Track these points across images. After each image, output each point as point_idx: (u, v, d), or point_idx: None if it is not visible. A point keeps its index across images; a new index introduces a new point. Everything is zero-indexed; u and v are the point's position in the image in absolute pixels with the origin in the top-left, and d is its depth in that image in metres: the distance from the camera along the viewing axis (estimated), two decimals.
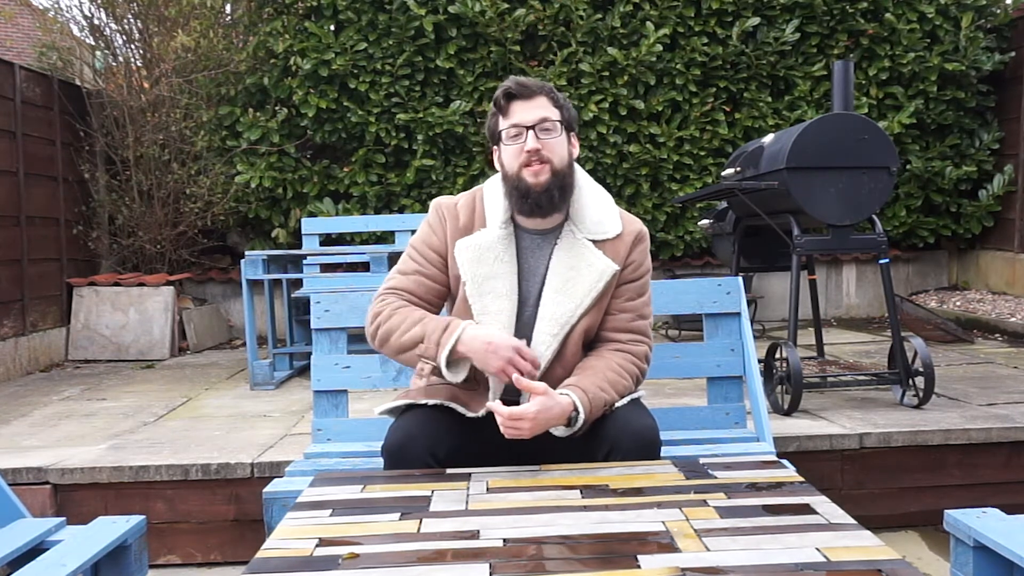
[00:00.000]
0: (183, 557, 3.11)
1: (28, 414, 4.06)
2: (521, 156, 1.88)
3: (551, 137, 1.88)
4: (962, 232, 6.68)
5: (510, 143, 1.90)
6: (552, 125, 1.89)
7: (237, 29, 6.35)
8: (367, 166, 6.16)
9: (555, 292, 1.92)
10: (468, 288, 1.94)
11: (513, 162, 1.90)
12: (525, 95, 1.89)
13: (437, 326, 1.86)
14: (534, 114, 1.88)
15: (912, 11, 6.31)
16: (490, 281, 1.93)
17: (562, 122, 1.91)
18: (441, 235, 2.00)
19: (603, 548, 1.33)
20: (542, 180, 1.88)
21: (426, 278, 2.00)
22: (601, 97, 6.11)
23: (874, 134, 3.59)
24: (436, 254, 2.00)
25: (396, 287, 2.00)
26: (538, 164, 1.87)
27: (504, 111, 1.90)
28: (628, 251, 1.97)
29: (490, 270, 1.93)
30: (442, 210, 2.02)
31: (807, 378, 3.59)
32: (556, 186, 1.89)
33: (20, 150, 5.35)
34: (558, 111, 1.91)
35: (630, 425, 1.85)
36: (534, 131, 1.87)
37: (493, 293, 1.93)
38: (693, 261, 6.63)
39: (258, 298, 5.42)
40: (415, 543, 1.37)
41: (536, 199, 1.89)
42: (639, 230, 2.01)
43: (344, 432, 2.38)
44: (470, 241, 1.95)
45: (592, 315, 1.94)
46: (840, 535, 1.35)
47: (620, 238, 1.97)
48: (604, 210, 1.99)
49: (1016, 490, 3.26)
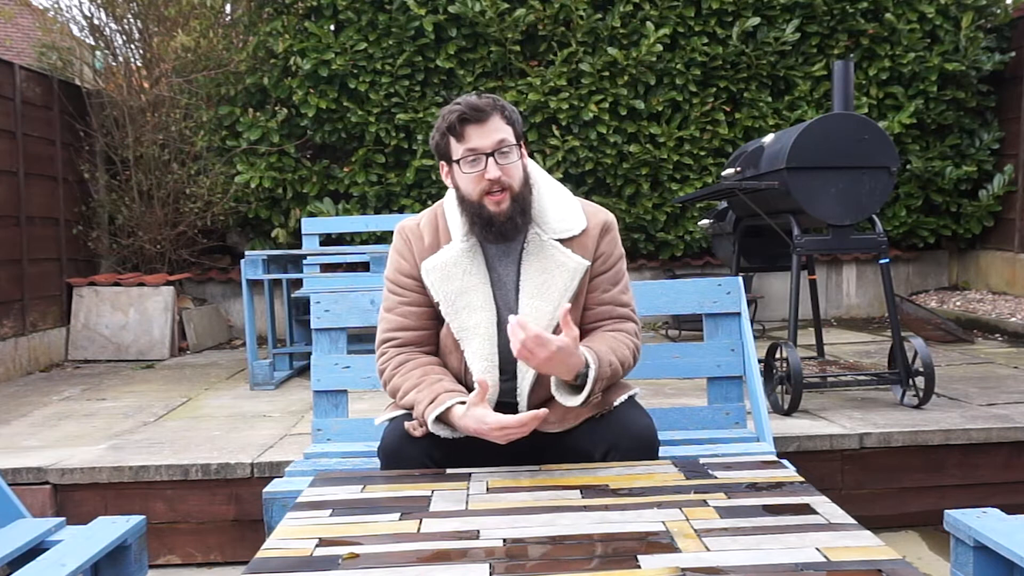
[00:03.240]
0: (183, 557, 3.11)
1: (28, 414, 4.06)
2: (482, 183, 1.84)
3: (510, 161, 1.85)
4: (962, 232, 6.68)
5: (468, 169, 1.85)
6: (509, 147, 1.85)
7: (237, 29, 6.35)
8: (367, 166, 6.16)
9: (531, 298, 1.90)
10: (443, 307, 1.91)
11: (472, 188, 1.86)
12: (479, 118, 1.82)
13: (425, 397, 1.83)
14: (491, 138, 1.83)
15: (912, 11, 6.31)
16: (463, 296, 1.91)
17: (516, 137, 1.88)
18: (410, 259, 1.97)
19: (603, 548, 1.33)
20: (504, 208, 1.85)
21: (411, 306, 1.97)
22: (601, 97, 6.11)
23: (874, 134, 3.59)
24: (411, 279, 1.97)
25: (389, 330, 1.98)
26: (499, 193, 1.84)
27: (458, 136, 1.84)
28: (596, 244, 1.95)
29: (460, 284, 1.91)
30: (406, 233, 1.99)
31: (807, 378, 3.59)
32: (518, 211, 1.87)
33: (20, 150, 5.35)
34: (511, 128, 1.87)
35: (629, 425, 1.85)
36: (493, 157, 1.83)
37: (468, 308, 1.91)
38: (693, 261, 6.63)
39: (258, 298, 5.42)
40: (415, 543, 1.36)
41: (500, 228, 1.86)
42: (604, 220, 1.98)
43: (344, 432, 2.38)
44: (435, 260, 1.93)
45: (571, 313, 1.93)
46: (840, 535, 1.35)
47: (586, 232, 1.94)
48: (566, 207, 1.96)
49: (1016, 490, 3.26)
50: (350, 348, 2.41)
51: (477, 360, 1.90)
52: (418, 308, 1.97)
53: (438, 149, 1.91)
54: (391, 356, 1.96)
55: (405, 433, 1.86)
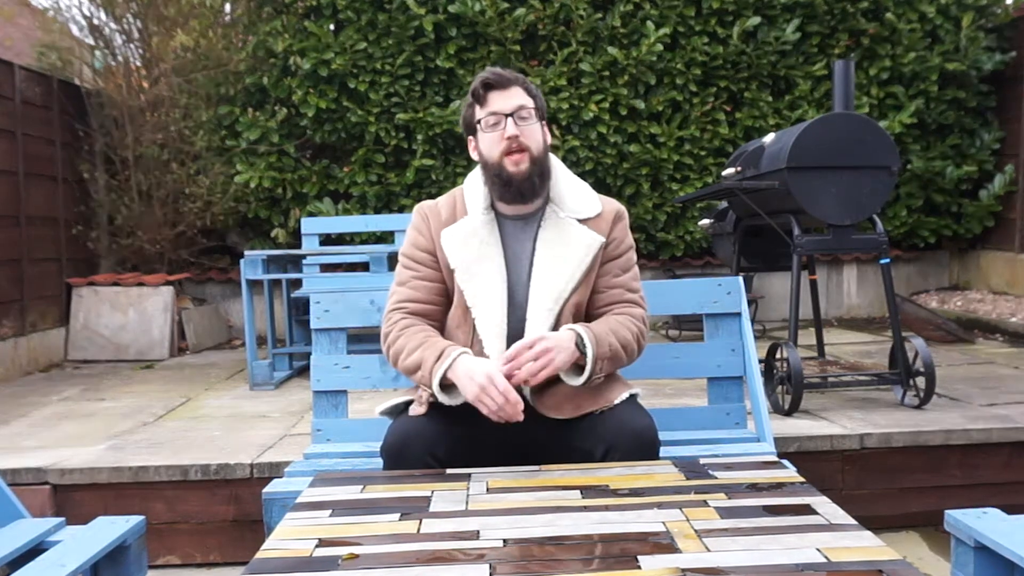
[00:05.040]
0: (182, 557, 3.11)
1: (28, 414, 4.05)
2: (501, 144, 1.93)
3: (528, 124, 1.94)
4: (963, 232, 6.67)
5: (489, 131, 1.95)
6: (528, 113, 1.94)
7: (236, 29, 6.34)
8: (367, 166, 6.15)
9: (546, 269, 1.96)
10: (457, 274, 1.97)
11: (493, 150, 1.94)
12: (502, 84, 1.94)
13: (432, 353, 1.87)
14: (511, 102, 1.93)
15: (913, 11, 6.30)
16: (478, 264, 1.97)
17: (537, 110, 1.97)
18: (427, 234, 2.03)
19: (603, 548, 1.32)
20: (523, 168, 1.93)
21: (423, 280, 2.03)
22: (601, 97, 6.11)
23: (875, 134, 3.58)
24: (426, 253, 2.03)
25: (399, 301, 2.03)
26: (518, 153, 1.92)
27: (481, 100, 1.96)
28: (610, 228, 2.02)
29: (477, 253, 1.97)
30: (424, 211, 2.07)
31: (808, 378, 3.59)
32: (536, 173, 1.95)
33: (20, 150, 5.35)
34: (532, 100, 1.97)
35: (629, 425, 1.85)
36: (512, 118, 1.92)
37: (482, 276, 1.96)
38: (693, 261, 6.63)
39: (257, 298, 5.42)
40: (415, 543, 1.36)
41: (519, 186, 1.94)
42: (618, 209, 2.07)
43: (344, 432, 2.38)
44: (454, 229, 2.00)
45: (581, 291, 1.98)
46: (841, 535, 1.35)
47: (601, 216, 2.02)
48: (583, 193, 2.06)
49: (1017, 490, 3.25)
50: (350, 348, 2.41)
51: (487, 328, 1.95)
52: (430, 283, 2.03)
53: (466, 120, 2.02)
54: (397, 320, 2.00)
55: (408, 432, 1.86)
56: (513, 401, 1.76)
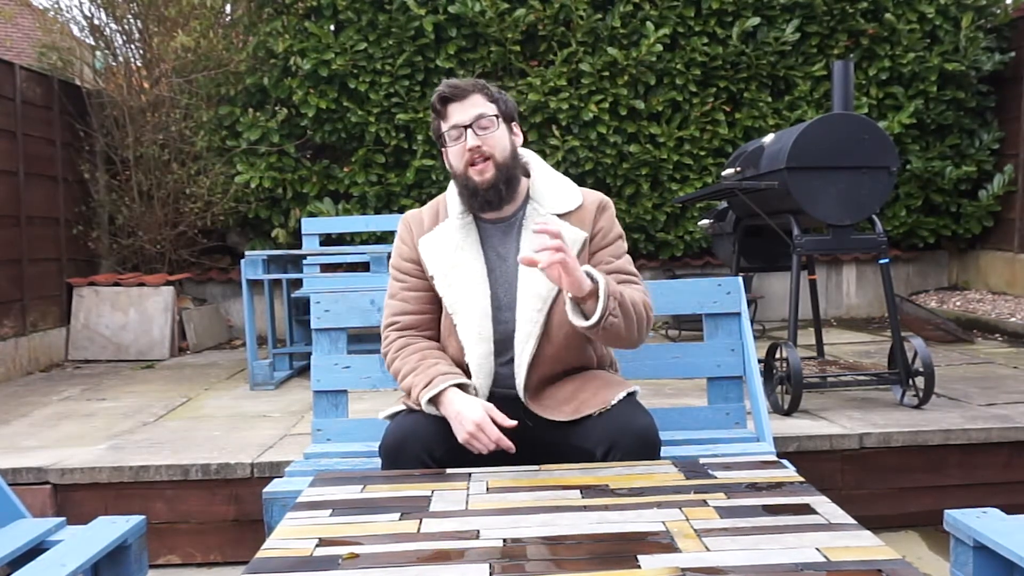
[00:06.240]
0: (183, 557, 3.11)
1: (28, 414, 4.06)
2: (464, 155, 1.93)
3: (490, 132, 1.93)
4: (962, 232, 6.68)
5: (453, 144, 1.95)
6: (489, 121, 1.93)
7: (237, 29, 6.34)
8: (367, 166, 6.16)
9: (530, 270, 1.91)
10: (436, 282, 1.98)
11: (458, 162, 1.95)
12: (459, 96, 1.94)
13: (421, 380, 1.90)
14: (469, 113, 1.93)
15: (912, 11, 6.31)
16: (456, 270, 1.97)
17: (499, 115, 1.96)
18: (410, 243, 2.05)
19: (603, 548, 1.32)
20: (488, 177, 1.93)
21: (411, 291, 2.04)
22: (601, 97, 6.11)
23: (874, 134, 3.59)
24: (411, 263, 2.04)
25: (391, 315, 2.06)
26: (482, 162, 1.92)
27: (442, 114, 1.96)
28: (594, 219, 2.00)
29: (453, 258, 1.98)
30: (408, 220, 2.09)
31: (807, 378, 3.59)
32: (502, 180, 1.94)
33: (20, 150, 5.35)
34: (494, 105, 1.96)
35: (629, 424, 1.85)
36: (472, 129, 1.92)
37: (461, 282, 1.97)
38: (693, 261, 6.63)
39: (258, 298, 5.42)
40: (415, 543, 1.36)
41: (484, 196, 1.94)
42: (601, 199, 2.05)
43: (344, 432, 2.38)
44: (431, 236, 2.02)
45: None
46: (840, 535, 1.35)
47: (583, 207, 2.01)
48: (562, 187, 2.04)
49: (1016, 490, 3.26)
50: (350, 348, 2.41)
51: (470, 335, 1.95)
52: (417, 292, 2.04)
53: (435, 134, 2.02)
54: (392, 340, 2.04)
55: (406, 432, 1.88)
56: (505, 448, 1.80)
